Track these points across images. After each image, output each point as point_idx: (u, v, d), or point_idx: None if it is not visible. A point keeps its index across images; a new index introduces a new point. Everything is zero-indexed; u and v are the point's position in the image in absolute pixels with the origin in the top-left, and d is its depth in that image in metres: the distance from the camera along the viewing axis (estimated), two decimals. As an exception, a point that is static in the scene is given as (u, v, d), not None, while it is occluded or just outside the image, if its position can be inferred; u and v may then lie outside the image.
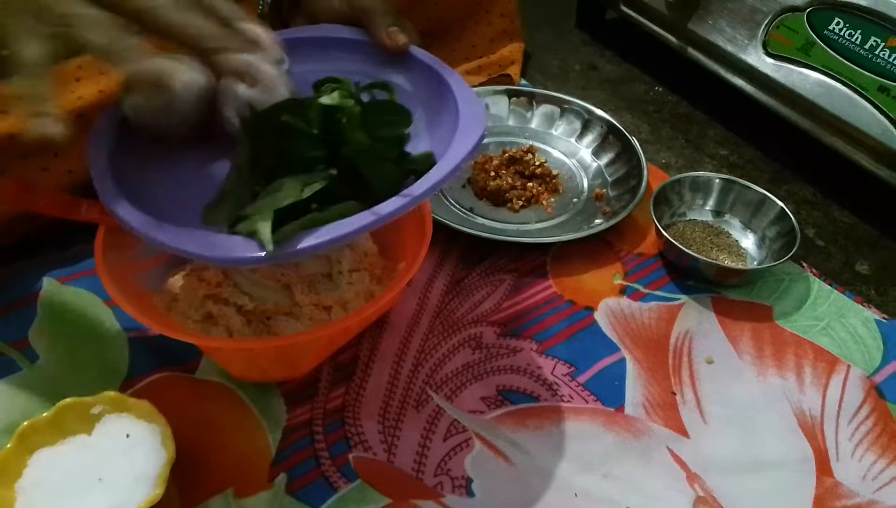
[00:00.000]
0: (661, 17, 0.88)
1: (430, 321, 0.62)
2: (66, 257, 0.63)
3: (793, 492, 0.53)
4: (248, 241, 0.41)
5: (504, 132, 0.83)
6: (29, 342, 0.57)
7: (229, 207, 0.45)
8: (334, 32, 0.57)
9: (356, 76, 0.52)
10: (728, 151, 0.85)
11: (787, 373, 0.60)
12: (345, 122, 0.45)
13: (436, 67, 0.54)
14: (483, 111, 0.50)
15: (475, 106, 0.50)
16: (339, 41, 0.57)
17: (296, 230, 0.41)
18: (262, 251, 0.40)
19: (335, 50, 0.57)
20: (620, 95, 0.93)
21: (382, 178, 0.45)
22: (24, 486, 0.44)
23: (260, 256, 0.40)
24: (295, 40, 0.56)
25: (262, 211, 0.42)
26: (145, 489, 0.44)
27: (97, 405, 0.48)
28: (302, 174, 0.44)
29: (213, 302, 0.54)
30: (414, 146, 0.49)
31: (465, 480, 0.51)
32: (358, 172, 0.45)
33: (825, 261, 0.72)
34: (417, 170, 0.46)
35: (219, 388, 0.56)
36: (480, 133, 0.47)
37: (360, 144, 0.45)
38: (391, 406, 0.56)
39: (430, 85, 0.53)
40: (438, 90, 0.52)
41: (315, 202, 0.43)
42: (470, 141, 0.46)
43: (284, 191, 0.43)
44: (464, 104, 0.50)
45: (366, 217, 0.42)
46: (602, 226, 0.68)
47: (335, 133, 0.46)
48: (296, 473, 0.51)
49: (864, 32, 0.68)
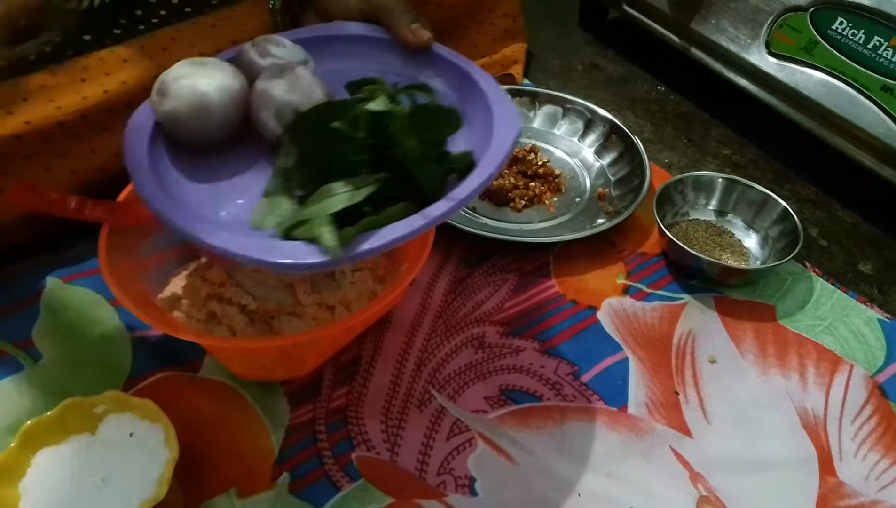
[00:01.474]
0: (664, 16, 0.87)
1: (432, 320, 0.62)
2: (69, 257, 0.63)
3: (796, 492, 0.53)
4: (309, 246, 0.40)
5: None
6: (33, 342, 0.57)
7: (278, 211, 0.45)
8: (355, 30, 0.57)
9: (386, 76, 0.51)
10: (731, 150, 0.85)
11: (790, 373, 0.60)
12: (394, 127, 0.45)
13: (462, 64, 0.53)
14: (516, 109, 0.49)
15: (507, 105, 0.49)
16: (359, 39, 0.56)
17: (355, 234, 0.41)
18: (327, 256, 0.40)
19: (358, 48, 0.56)
20: (623, 95, 0.93)
21: (430, 179, 0.45)
22: (27, 485, 0.44)
23: (326, 260, 0.40)
24: (315, 39, 0.55)
25: (318, 216, 0.41)
26: (148, 488, 0.44)
27: (100, 405, 0.48)
28: (349, 178, 0.44)
29: (217, 302, 0.54)
30: (449, 145, 0.49)
31: (468, 479, 0.51)
32: (406, 174, 0.45)
33: (828, 261, 0.72)
34: (457, 169, 0.46)
35: (222, 387, 0.56)
36: (517, 132, 0.47)
37: (412, 150, 0.45)
38: (394, 406, 0.56)
39: (458, 83, 0.53)
40: (467, 88, 0.52)
41: (366, 206, 0.43)
42: (508, 140, 0.46)
43: (336, 195, 0.43)
44: (496, 103, 0.49)
45: (419, 219, 0.42)
46: (605, 226, 0.68)
47: (382, 138, 0.45)
48: (299, 472, 0.51)
49: (868, 32, 0.68)
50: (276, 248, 0.41)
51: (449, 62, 0.54)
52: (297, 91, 0.47)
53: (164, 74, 0.47)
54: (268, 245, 0.41)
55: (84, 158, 0.61)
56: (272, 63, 0.50)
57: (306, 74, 0.48)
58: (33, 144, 0.58)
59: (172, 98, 0.46)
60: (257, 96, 0.48)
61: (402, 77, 0.53)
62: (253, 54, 0.51)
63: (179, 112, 0.47)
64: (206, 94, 0.46)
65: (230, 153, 0.50)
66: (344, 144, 0.45)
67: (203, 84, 0.47)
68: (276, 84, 0.48)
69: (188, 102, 0.46)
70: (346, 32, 0.57)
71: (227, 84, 0.47)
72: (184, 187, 0.47)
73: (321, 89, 0.48)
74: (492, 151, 0.46)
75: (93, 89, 0.60)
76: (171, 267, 0.58)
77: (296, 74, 0.48)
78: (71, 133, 0.60)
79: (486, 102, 0.50)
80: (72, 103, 0.59)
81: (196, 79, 0.47)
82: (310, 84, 0.48)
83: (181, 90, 0.46)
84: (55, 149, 0.59)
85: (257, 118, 0.48)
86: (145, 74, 0.62)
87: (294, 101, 0.47)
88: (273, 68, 0.49)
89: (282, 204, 0.45)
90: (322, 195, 0.43)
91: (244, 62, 0.51)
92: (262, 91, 0.48)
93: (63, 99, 0.59)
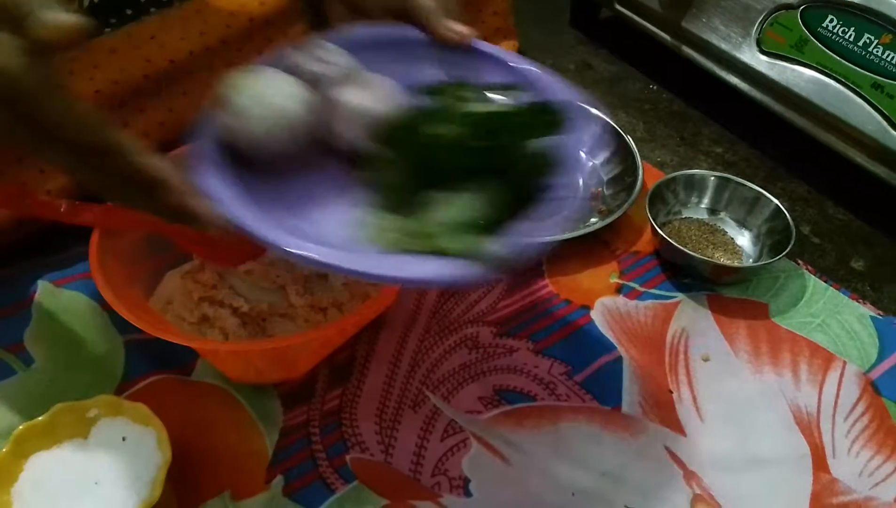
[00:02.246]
0: (655, 15, 0.88)
1: (426, 321, 0.62)
2: (61, 261, 0.62)
3: (789, 489, 0.53)
4: (457, 260, 0.38)
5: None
6: (24, 346, 0.57)
7: (389, 225, 0.42)
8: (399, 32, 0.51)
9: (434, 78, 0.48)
10: (723, 148, 0.85)
11: (784, 370, 0.60)
12: (506, 127, 0.43)
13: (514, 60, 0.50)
14: (585, 103, 0.47)
15: (573, 97, 0.47)
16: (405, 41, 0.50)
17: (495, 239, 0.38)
18: (488, 267, 0.37)
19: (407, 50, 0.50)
20: (615, 94, 0.93)
21: (538, 178, 0.43)
22: (19, 490, 0.44)
23: (490, 272, 0.38)
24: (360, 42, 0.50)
25: (450, 227, 0.39)
26: (141, 492, 0.44)
27: (93, 409, 0.48)
28: (460, 185, 0.42)
29: (209, 304, 0.54)
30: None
31: (462, 480, 0.51)
32: (517, 176, 0.42)
33: (820, 258, 0.73)
34: (544, 164, 0.43)
35: (215, 390, 0.56)
36: (594, 127, 0.45)
37: (524, 150, 0.43)
38: (388, 407, 0.56)
39: (514, 80, 0.49)
40: (532, 86, 0.49)
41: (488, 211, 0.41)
42: (587, 135, 0.45)
43: (460, 203, 0.41)
44: (563, 97, 0.47)
45: (557, 224, 0.40)
46: (598, 225, 0.68)
47: (490, 140, 0.43)
48: (293, 475, 0.51)
49: (858, 29, 0.68)
50: (423, 265, 0.38)
51: (497, 59, 0.50)
52: (377, 98, 0.44)
53: (225, 86, 0.43)
54: (412, 263, 0.38)
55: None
56: (331, 69, 0.46)
57: (382, 80, 0.45)
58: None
59: (239, 113, 0.43)
60: (332, 106, 0.44)
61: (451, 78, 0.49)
62: (301, 59, 0.47)
63: (248, 126, 0.43)
64: (277, 106, 0.43)
65: (296, 165, 0.46)
66: (450, 151, 0.42)
67: (272, 96, 0.43)
68: (352, 92, 0.44)
69: (258, 116, 0.43)
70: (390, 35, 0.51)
71: (294, 93, 0.44)
72: (263, 205, 0.42)
73: (401, 95, 0.45)
74: (572, 147, 0.44)
75: (83, 85, 0.60)
76: (162, 270, 0.58)
77: (369, 80, 0.45)
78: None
79: (550, 96, 0.47)
80: None
81: (261, 90, 0.43)
82: (389, 90, 0.45)
83: (248, 103, 0.43)
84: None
85: (333, 129, 0.45)
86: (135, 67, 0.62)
87: (377, 109, 0.44)
88: (341, 75, 0.45)
89: (389, 218, 0.42)
90: (441, 205, 0.41)
91: (290, 68, 0.46)
92: (339, 101, 0.44)
93: None
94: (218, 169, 0.42)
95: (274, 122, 0.43)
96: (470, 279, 0.38)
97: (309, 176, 0.46)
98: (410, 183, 0.43)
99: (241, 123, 0.43)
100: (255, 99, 0.43)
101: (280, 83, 0.44)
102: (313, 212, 0.44)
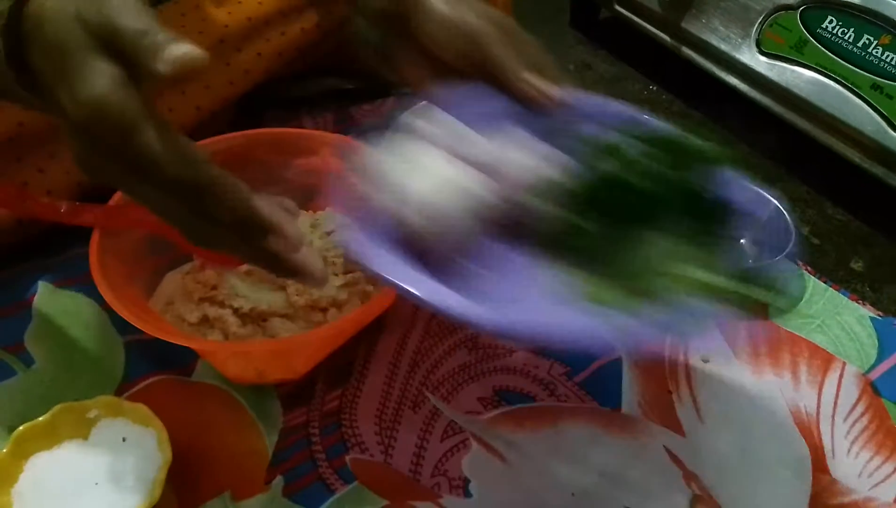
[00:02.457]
0: (655, 16, 0.88)
1: (426, 322, 0.62)
2: (61, 262, 0.62)
3: (789, 490, 0.53)
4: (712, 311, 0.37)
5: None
6: (24, 346, 0.57)
7: (614, 285, 0.39)
8: (482, 106, 0.45)
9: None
10: (722, 149, 0.85)
11: (783, 371, 0.60)
12: (686, 153, 0.42)
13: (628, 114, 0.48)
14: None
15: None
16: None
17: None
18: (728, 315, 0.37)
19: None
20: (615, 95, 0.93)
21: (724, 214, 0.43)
22: (19, 491, 0.44)
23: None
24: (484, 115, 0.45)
25: (689, 282, 0.38)
26: (142, 493, 0.44)
27: (93, 410, 0.48)
28: (667, 238, 0.40)
29: (209, 305, 0.54)
30: None
31: (462, 481, 0.51)
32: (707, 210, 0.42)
33: (820, 258, 0.73)
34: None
35: (215, 391, 0.56)
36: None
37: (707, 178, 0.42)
38: (388, 408, 0.56)
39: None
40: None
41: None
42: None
43: (685, 261, 0.39)
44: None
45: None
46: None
47: (680, 163, 0.42)
48: (293, 475, 0.51)
49: (857, 30, 0.68)
50: (683, 320, 0.37)
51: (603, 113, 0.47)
52: (548, 160, 0.42)
53: (365, 159, 0.40)
54: (670, 321, 0.37)
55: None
56: (467, 135, 0.42)
57: (538, 142, 0.42)
58: (26, 145, 0.58)
59: (400, 192, 0.39)
60: (495, 174, 0.41)
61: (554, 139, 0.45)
62: (423, 126, 0.43)
63: (414, 206, 0.39)
64: (443, 181, 0.39)
65: (465, 242, 0.42)
66: (654, 205, 0.41)
67: (434, 170, 0.39)
68: (513, 155, 0.42)
69: (424, 194, 0.39)
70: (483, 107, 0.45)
71: (453, 168, 0.40)
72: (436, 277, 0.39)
73: (567, 158, 0.42)
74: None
75: None
76: (162, 270, 0.58)
77: (519, 139, 0.42)
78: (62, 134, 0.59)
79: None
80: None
81: (421, 165, 0.40)
82: (551, 151, 0.42)
83: (411, 182, 0.39)
84: (48, 150, 0.59)
85: (502, 197, 0.41)
86: None
87: (551, 174, 0.41)
88: (482, 140, 0.42)
89: (613, 279, 0.39)
90: (666, 261, 0.39)
91: (424, 137, 0.43)
92: (500, 167, 0.41)
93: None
94: (377, 241, 0.39)
95: (445, 198, 0.39)
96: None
97: (482, 250, 0.42)
98: (609, 233, 0.41)
99: (405, 202, 0.39)
100: (418, 176, 0.39)
101: (433, 156, 0.41)
102: (502, 286, 0.40)
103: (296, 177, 0.63)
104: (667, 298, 0.37)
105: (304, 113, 0.81)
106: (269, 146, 0.62)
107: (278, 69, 0.72)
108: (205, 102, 0.67)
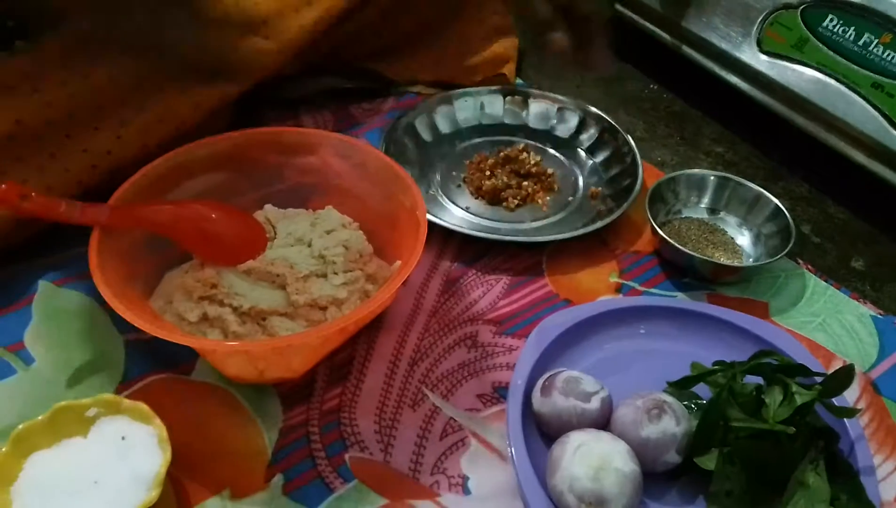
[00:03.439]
0: (655, 14, 0.88)
1: (425, 320, 0.62)
2: (61, 261, 0.62)
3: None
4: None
5: (499, 131, 0.82)
6: (24, 345, 0.57)
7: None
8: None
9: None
10: (723, 148, 0.85)
11: (783, 370, 0.60)
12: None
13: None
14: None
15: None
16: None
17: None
18: None
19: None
20: (615, 94, 0.93)
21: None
22: (19, 489, 0.44)
23: None
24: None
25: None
26: (141, 491, 0.44)
27: (92, 408, 0.48)
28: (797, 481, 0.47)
29: (209, 303, 0.54)
30: None
31: (461, 478, 0.51)
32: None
33: (820, 257, 0.72)
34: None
35: (214, 389, 0.56)
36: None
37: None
38: (387, 406, 0.56)
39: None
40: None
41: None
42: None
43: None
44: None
45: None
46: (598, 224, 0.68)
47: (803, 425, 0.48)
48: (292, 473, 0.51)
49: (858, 29, 0.68)
50: None
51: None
52: (687, 421, 0.49)
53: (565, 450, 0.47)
54: None
55: (76, 157, 0.60)
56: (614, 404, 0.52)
57: (677, 404, 0.50)
58: (25, 144, 0.58)
59: (584, 484, 0.45)
60: (653, 444, 0.48)
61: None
62: (565, 400, 0.50)
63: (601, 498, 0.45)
64: (623, 473, 0.45)
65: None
66: (780, 447, 0.47)
67: (612, 462, 0.46)
68: (668, 425, 0.48)
69: (609, 486, 0.45)
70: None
71: (625, 452, 0.47)
72: None
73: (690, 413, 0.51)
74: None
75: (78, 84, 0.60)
76: (162, 269, 0.58)
77: (667, 407, 0.49)
78: (61, 132, 0.60)
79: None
80: (60, 98, 0.59)
81: (600, 456, 0.46)
82: (681, 411, 0.49)
83: (601, 476, 0.45)
84: (47, 149, 0.59)
85: (655, 463, 0.49)
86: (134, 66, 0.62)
87: (687, 429, 0.49)
88: (641, 410, 0.49)
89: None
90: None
91: (556, 407, 0.51)
92: (661, 438, 0.48)
93: (51, 94, 0.59)
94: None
95: (629, 489, 0.45)
96: None
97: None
98: (756, 488, 0.47)
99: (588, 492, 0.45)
100: (604, 469, 0.45)
101: (608, 443, 0.47)
102: None
103: (295, 176, 0.63)
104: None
105: (304, 112, 0.81)
106: (269, 146, 0.62)
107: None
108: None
